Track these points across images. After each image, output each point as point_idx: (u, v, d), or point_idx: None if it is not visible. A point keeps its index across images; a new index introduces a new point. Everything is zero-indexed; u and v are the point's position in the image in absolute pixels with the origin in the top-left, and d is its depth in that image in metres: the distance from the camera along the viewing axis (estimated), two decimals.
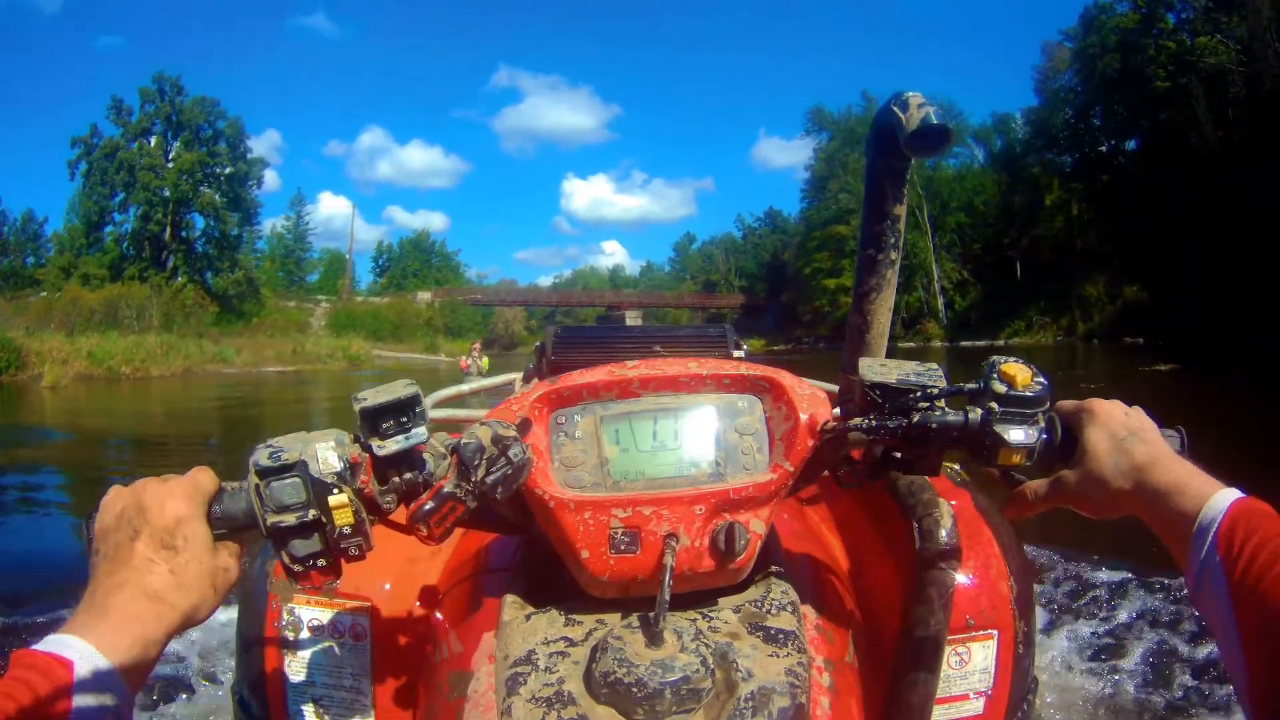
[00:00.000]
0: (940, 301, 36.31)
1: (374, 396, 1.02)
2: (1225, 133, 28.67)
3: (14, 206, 73.00)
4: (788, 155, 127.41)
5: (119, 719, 0.78)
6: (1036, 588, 2.16)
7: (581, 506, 1.14)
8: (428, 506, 1.01)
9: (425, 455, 1.04)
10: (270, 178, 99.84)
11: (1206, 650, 3.10)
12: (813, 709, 1.09)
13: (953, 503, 1.35)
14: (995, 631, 1.51)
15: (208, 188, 50.73)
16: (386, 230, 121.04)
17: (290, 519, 0.96)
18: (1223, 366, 13.35)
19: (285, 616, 1.56)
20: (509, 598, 1.26)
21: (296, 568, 1.00)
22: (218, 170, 51.26)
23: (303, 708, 1.57)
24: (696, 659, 1.06)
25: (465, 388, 2.41)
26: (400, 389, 1.02)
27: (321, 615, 1.56)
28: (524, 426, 1.11)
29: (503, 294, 66.26)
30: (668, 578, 1.10)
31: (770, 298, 48.66)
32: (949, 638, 1.29)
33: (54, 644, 0.78)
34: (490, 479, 1.03)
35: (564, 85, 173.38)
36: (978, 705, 1.52)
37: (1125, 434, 1.02)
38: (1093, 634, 3.33)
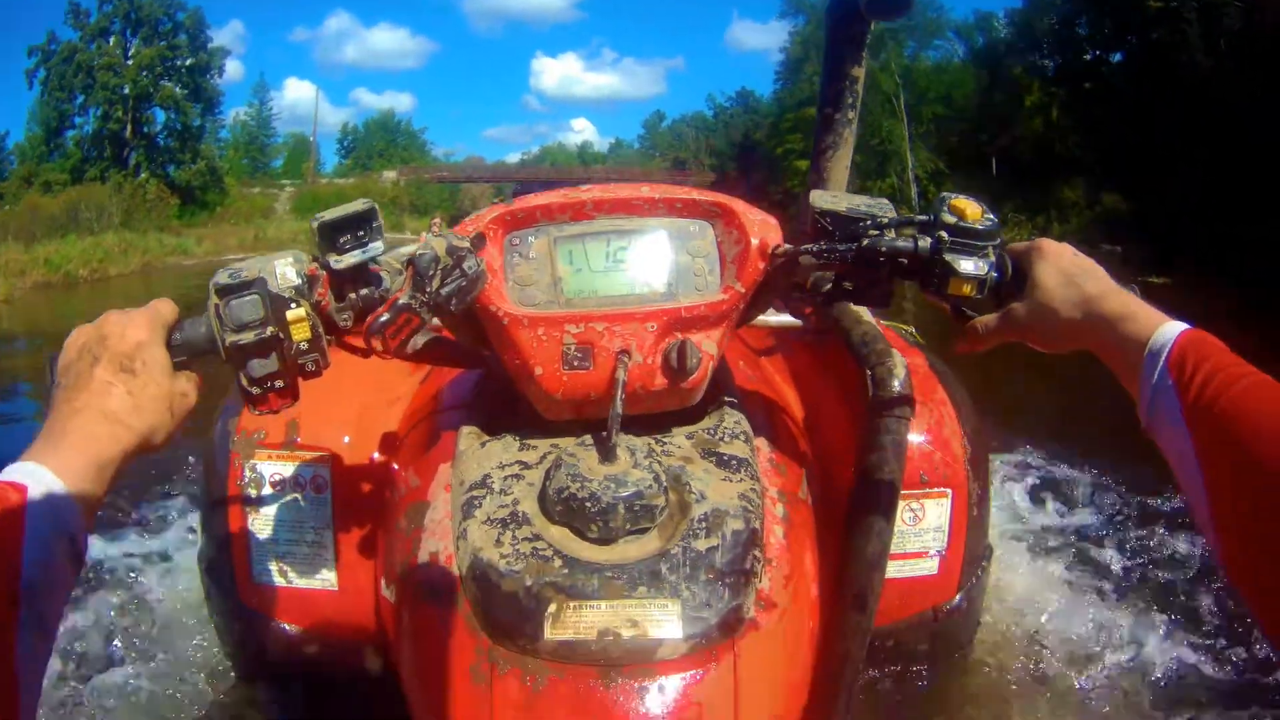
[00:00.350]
0: (914, 190, 35.92)
1: (331, 213, 1.03)
2: (1216, 63, 27.91)
3: None
4: (762, 37, 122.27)
5: (73, 543, 0.79)
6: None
7: (535, 323, 1.15)
8: (384, 318, 1.02)
9: (382, 273, 1.07)
10: (235, 67, 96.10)
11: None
12: (765, 536, 1.11)
13: (905, 360, 1.34)
14: (949, 490, 1.54)
15: (168, 81, 49.15)
16: (353, 113, 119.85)
17: (249, 336, 0.97)
18: (1216, 284, 13.02)
19: (247, 474, 1.58)
20: (465, 428, 1.28)
21: (255, 390, 1.01)
22: (178, 63, 49.67)
23: (268, 565, 1.58)
24: (650, 475, 1.07)
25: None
26: (357, 205, 1.03)
27: (283, 469, 1.57)
28: (478, 241, 1.10)
29: (469, 171, 64.54)
30: (619, 392, 1.11)
31: (741, 177, 47.23)
32: (903, 493, 1.30)
33: (9, 472, 0.78)
34: (445, 290, 1.03)
35: None
36: (932, 565, 1.56)
37: (1075, 270, 1.03)
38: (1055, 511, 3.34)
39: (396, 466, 1.48)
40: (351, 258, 1.04)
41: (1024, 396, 5.50)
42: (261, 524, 1.58)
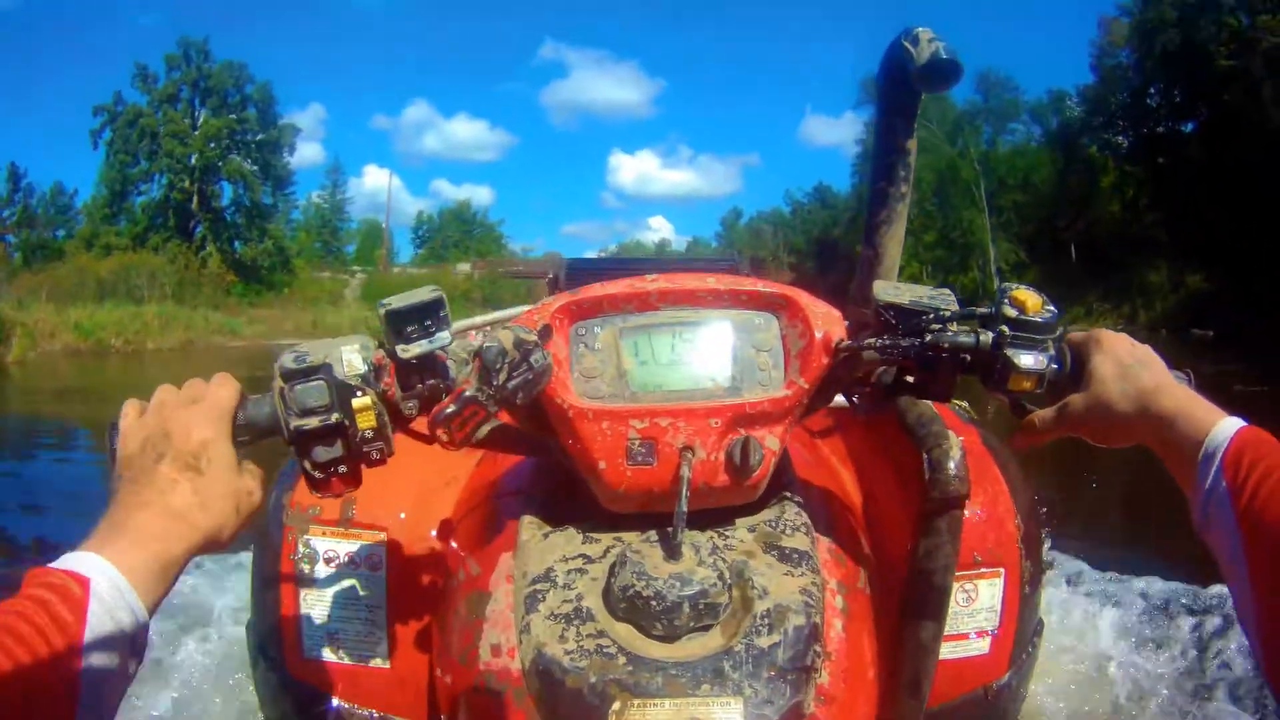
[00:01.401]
0: (996, 284, 34.07)
1: (399, 300, 1.04)
2: None
3: (43, 179, 73.48)
4: (834, 133, 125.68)
5: (134, 641, 0.79)
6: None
7: (599, 416, 1.16)
8: (449, 410, 1.02)
9: (448, 362, 1.07)
10: (315, 151, 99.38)
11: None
12: (826, 630, 1.11)
13: (961, 438, 1.34)
14: (1002, 570, 1.52)
15: (236, 155, 49.97)
16: (431, 204, 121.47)
17: (313, 422, 0.98)
18: None
19: (301, 549, 1.57)
20: (526, 518, 1.28)
21: (318, 474, 1.02)
22: (247, 138, 50.43)
23: (320, 641, 1.57)
24: (714, 573, 1.08)
25: (479, 319, 2.30)
26: (425, 293, 1.04)
27: (337, 546, 1.57)
28: (545, 333, 1.12)
29: (544, 265, 64.12)
30: (685, 489, 1.11)
31: (819, 274, 46.77)
32: (956, 574, 1.29)
33: (71, 560, 0.78)
34: (511, 384, 1.04)
35: (610, 60, 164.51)
36: (983, 644, 1.55)
37: (1132, 361, 1.04)
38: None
39: (455, 547, 1.48)
40: (418, 347, 1.04)
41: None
42: (314, 599, 1.58)
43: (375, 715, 1.59)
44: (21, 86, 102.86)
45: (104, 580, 0.76)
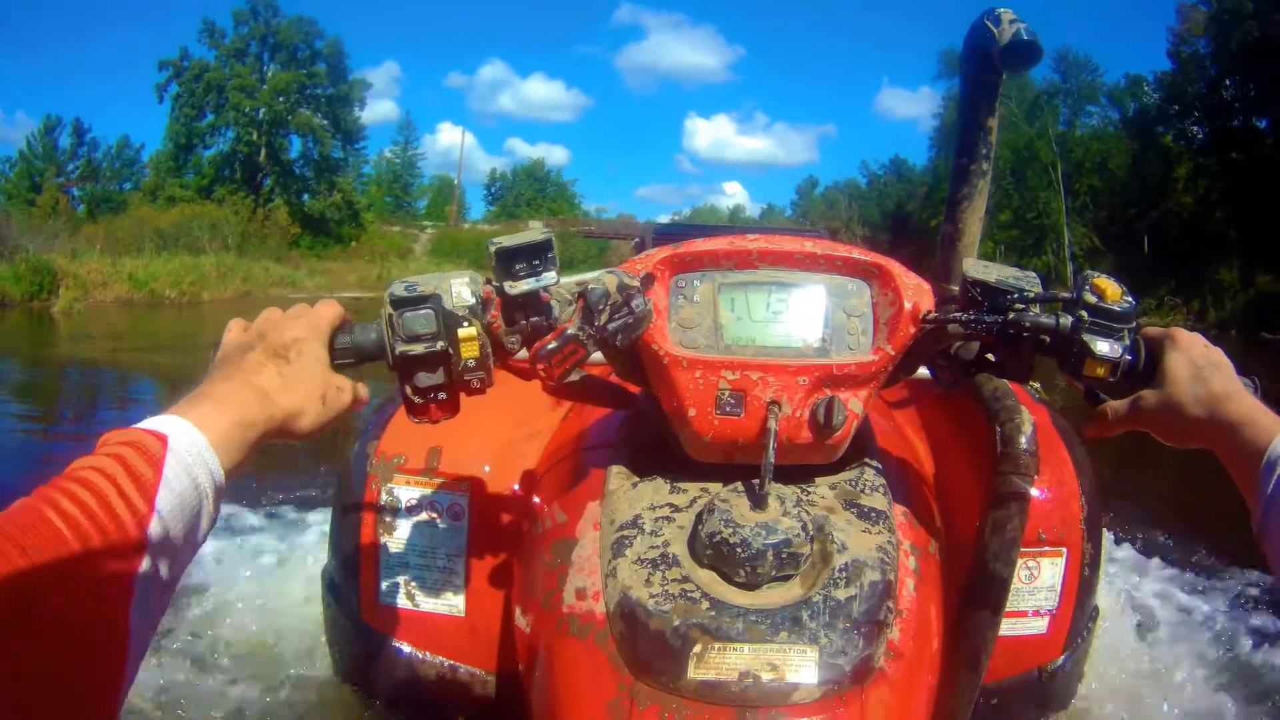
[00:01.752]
0: (1070, 269, 33.81)
1: (509, 240, 1.07)
2: None
3: (110, 135, 73.95)
4: (911, 106, 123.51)
5: (208, 504, 0.80)
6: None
7: (693, 365, 1.18)
8: (551, 345, 1.05)
9: (552, 302, 1.10)
10: (389, 108, 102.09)
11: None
12: (899, 588, 1.13)
13: (1033, 416, 1.35)
14: (1065, 550, 1.54)
15: (306, 109, 49.55)
16: (507, 162, 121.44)
17: (419, 348, 1.02)
18: None
19: (384, 497, 1.60)
20: (615, 467, 1.31)
21: (418, 399, 1.06)
22: (317, 92, 50.06)
23: (395, 587, 1.61)
24: (798, 524, 1.11)
25: (587, 275, 2.25)
26: (535, 233, 1.08)
27: (421, 494, 1.60)
28: (647, 280, 1.15)
29: (617, 227, 63.05)
30: (772, 442, 1.13)
31: (893, 248, 46.35)
32: (1020, 550, 1.31)
33: (150, 422, 0.80)
34: (612, 325, 1.07)
35: (687, 24, 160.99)
36: (1041, 624, 1.57)
37: (1205, 363, 1.06)
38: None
39: (538, 500, 1.51)
40: (525, 285, 1.07)
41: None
42: (393, 546, 1.62)
43: (445, 663, 1.64)
44: (88, 44, 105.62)
45: (183, 439, 0.78)
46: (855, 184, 68.99)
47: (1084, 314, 1.12)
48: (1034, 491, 1.33)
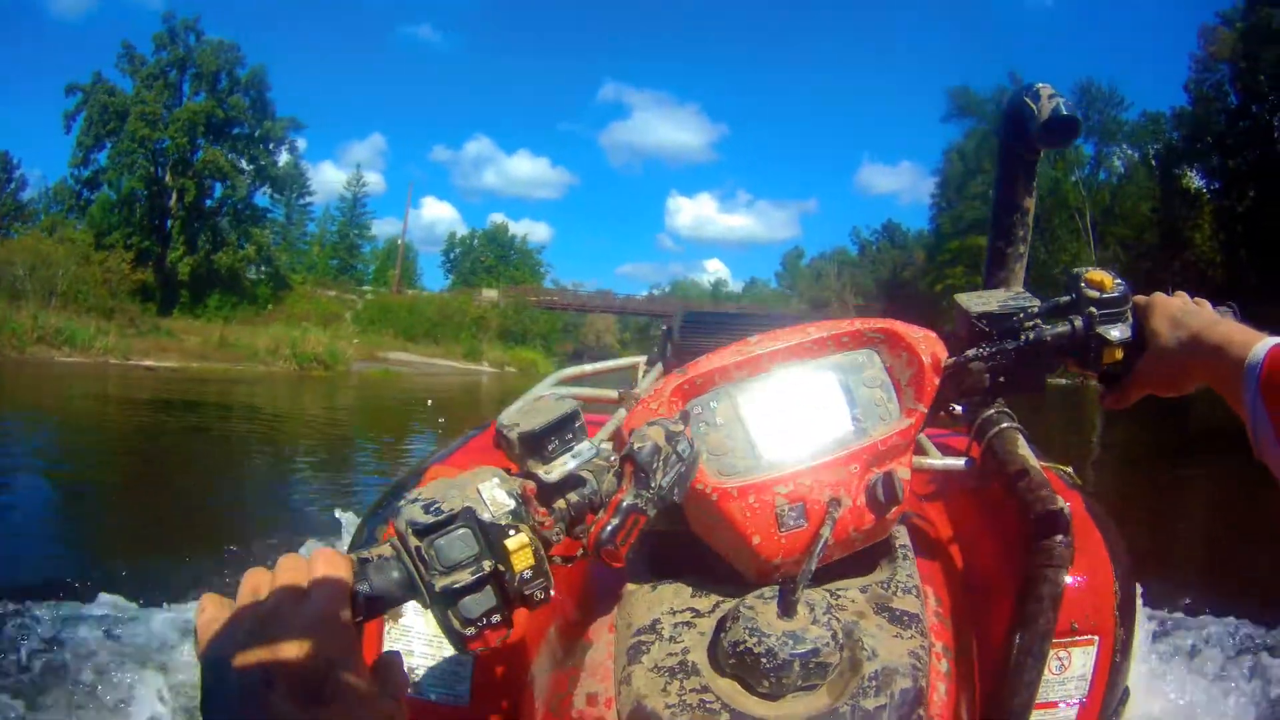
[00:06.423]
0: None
1: (528, 420, 0.96)
2: None
3: (54, 171, 71.98)
4: (891, 180, 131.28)
5: None
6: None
7: (744, 492, 1.16)
8: (613, 524, 0.95)
9: (584, 472, 0.99)
10: (375, 180, 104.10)
11: None
12: (930, 694, 1.13)
13: (1068, 504, 1.36)
14: (1097, 638, 1.51)
15: (219, 146, 46.16)
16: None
17: (465, 577, 0.84)
18: None
19: None
20: (634, 566, 1.29)
21: (469, 631, 0.86)
22: (235, 131, 46.66)
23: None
24: (827, 633, 1.09)
25: (588, 368, 2.21)
26: (562, 407, 0.98)
27: None
28: (685, 418, 1.13)
29: (582, 299, 59.79)
30: (819, 547, 1.13)
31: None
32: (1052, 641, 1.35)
33: None
34: (667, 481, 0.99)
35: (671, 102, 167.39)
36: (1070, 714, 1.54)
37: (1181, 313, 1.14)
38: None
39: (553, 594, 1.38)
40: (565, 465, 0.95)
41: None
42: (399, 633, 1.60)
43: None
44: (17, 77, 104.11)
45: None
46: (845, 252, 69.36)
47: (1092, 310, 1.21)
48: (1068, 581, 1.33)
